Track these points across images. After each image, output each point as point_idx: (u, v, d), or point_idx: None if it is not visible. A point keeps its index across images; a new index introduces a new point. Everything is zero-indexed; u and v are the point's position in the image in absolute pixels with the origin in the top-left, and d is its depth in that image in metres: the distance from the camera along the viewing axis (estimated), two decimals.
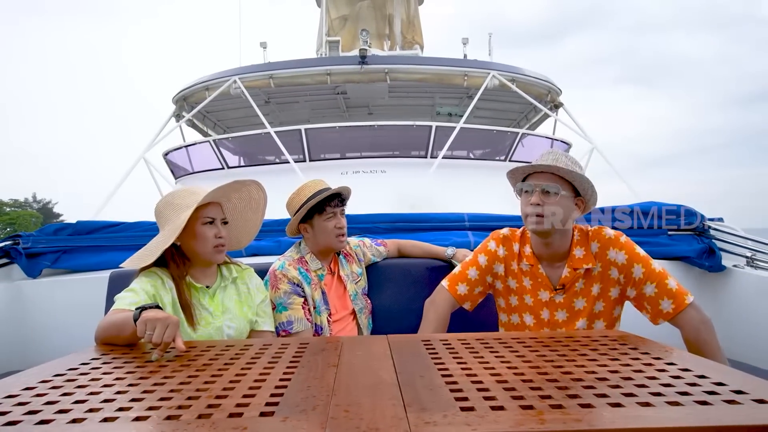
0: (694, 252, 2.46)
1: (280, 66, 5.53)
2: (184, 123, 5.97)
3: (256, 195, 1.70)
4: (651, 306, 1.52)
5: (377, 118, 6.79)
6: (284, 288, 1.76)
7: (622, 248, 1.55)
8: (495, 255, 1.71)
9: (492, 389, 0.78)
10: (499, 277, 1.71)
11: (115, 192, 5.01)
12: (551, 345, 1.09)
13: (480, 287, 1.72)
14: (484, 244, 1.76)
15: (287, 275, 1.78)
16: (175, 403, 0.75)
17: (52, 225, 2.73)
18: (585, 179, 1.51)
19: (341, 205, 1.89)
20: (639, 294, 1.54)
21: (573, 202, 1.54)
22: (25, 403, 0.77)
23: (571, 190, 1.53)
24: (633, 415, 0.67)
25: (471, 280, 1.71)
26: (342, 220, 1.88)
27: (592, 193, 1.55)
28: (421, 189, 4.40)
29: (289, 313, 1.73)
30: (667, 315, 1.49)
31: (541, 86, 5.86)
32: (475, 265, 1.72)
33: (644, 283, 1.52)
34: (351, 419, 0.67)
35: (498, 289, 1.73)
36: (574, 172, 1.50)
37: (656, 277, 1.51)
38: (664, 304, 1.49)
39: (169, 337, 1.05)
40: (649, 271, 1.52)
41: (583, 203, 1.56)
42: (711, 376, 0.84)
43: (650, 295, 1.51)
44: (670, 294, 1.49)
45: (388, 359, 0.99)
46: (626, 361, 0.95)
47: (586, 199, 1.56)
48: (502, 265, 1.70)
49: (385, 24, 7.47)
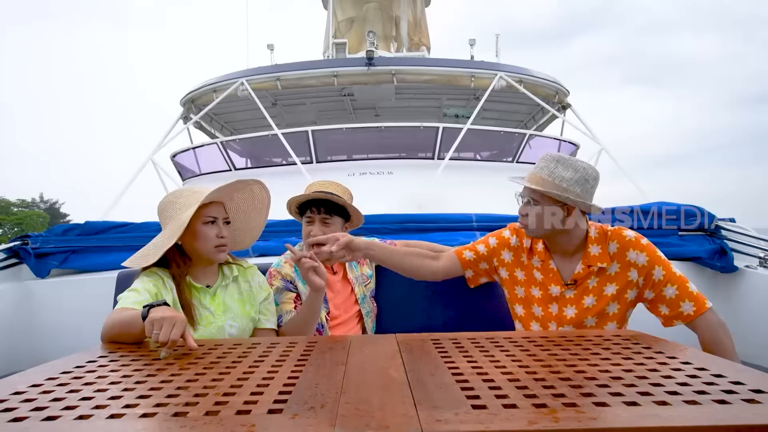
0: (706, 252, 2.43)
1: (287, 68, 5.54)
2: (191, 125, 6.00)
3: (260, 195, 1.69)
4: (671, 308, 1.50)
5: (384, 119, 6.79)
6: (276, 284, 1.79)
7: (643, 250, 1.54)
8: (507, 242, 1.73)
9: (504, 387, 0.77)
10: (506, 265, 1.72)
11: (123, 193, 5.03)
12: (562, 344, 1.07)
13: (485, 264, 1.75)
14: (499, 231, 1.79)
15: (281, 272, 1.82)
16: (183, 401, 0.74)
17: (60, 225, 2.74)
18: (559, 189, 1.49)
19: (318, 213, 1.83)
20: (658, 296, 1.52)
21: (561, 208, 1.53)
22: (32, 399, 0.77)
23: (552, 201, 1.52)
24: (650, 413, 0.65)
25: (479, 252, 1.75)
26: (316, 229, 1.82)
27: (572, 201, 1.50)
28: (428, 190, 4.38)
29: (280, 306, 1.75)
30: (687, 317, 1.48)
31: (549, 87, 5.82)
32: (485, 243, 1.76)
33: (665, 285, 1.50)
34: (361, 417, 0.66)
35: (504, 278, 1.73)
36: (540, 189, 1.50)
37: (677, 280, 1.50)
38: (685, 306, 1.48)
39: (176, 335, 1.04)
40: (670, 274, 1.51)
41: (573, 207, 1.53)
42: (728, 375, 0.82)
43: (671, 297, 1.50)
44: (691, 297, 1.48)
45: (397, 358, 0.98)
46: (640, 360, 0.93)
47: (572, 204, 1.51)
48: (512, 253, 1.71)
49: (392, 26, 7.48)
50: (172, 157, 5.85)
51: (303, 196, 1.84)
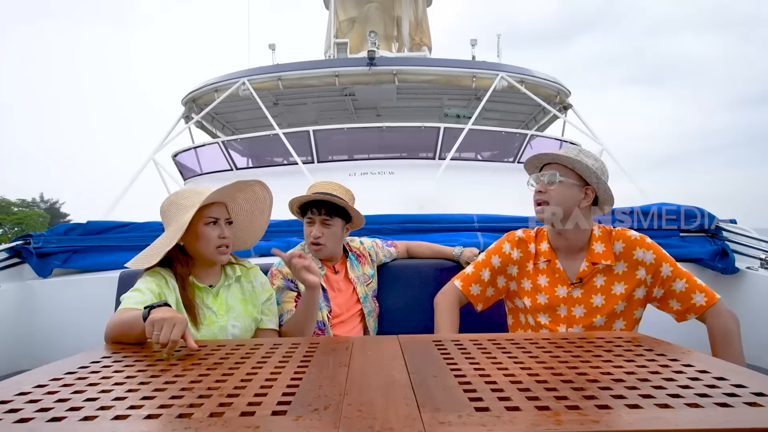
0: (707, 254, 2.43)
1: (288, 68, 5.54)
2: (193, 125, 6.00)
3: (262, 195, 1.69)
4: (681, 302, 1.53)
5: (385, 119, 6.79)
6: (277, 283, 1.80)
7: (650, 248, 1.56)
8: (509, 257, 1.71)
9: (506, 390, 0.77)
10: (513, 278, 1.71)
11: (124, 193, 5.03)
12: (565, 346, 1.08)
13: (492, 289, 1.73)
14: (498, 245, 1.75)
15: (282, 271, 1.83)
16: (187, 402, 0.75)
17: (62, 225, 2.75)
18: (585, 166, 1.51)
19: (319, 214, 1.84)
20: (668, 291, 1.55)
21: (580, 190, 1.55)
22: (37, 400, 0.77)
23: (577, 178, 1.55)
24: (652, 416, 0.66)
25: (484, 281, 1.72)
26: (317, 230, 1.84)
27: (597, 181, 1.53)
28: (429, 190, 4.38)
29: (281, 306, 1.76)
30: (700, 308, 1.51)
31: (550, 87, 5.82)
32: (488, 266, 1.72)
33: (673, 280, 1.53)
34: (364, 419, 0.66)
35: (512, 291, 1.72)
36: (572, 158, 1.52)
37: (685, 275, 1.54)
38: (697, 297, 1.51)
39: (176, 336, 1.04)
40: (677, 270, 1.54)
41: (593, 191, 1.55)
42: (730, 378, 0.82)
43: (681, 290, 1.53)
44: (701, 288, 1.52)
45: (400, 359, 0.98)
46: (642, 362, 0.94)
47: (595, 187, 1.55)
48: (516, 267, 1.70)
49: (393, 26, 7.48)
50: (174, 157, 5.86)
51: (304, 197, 1.85)
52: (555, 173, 1.55)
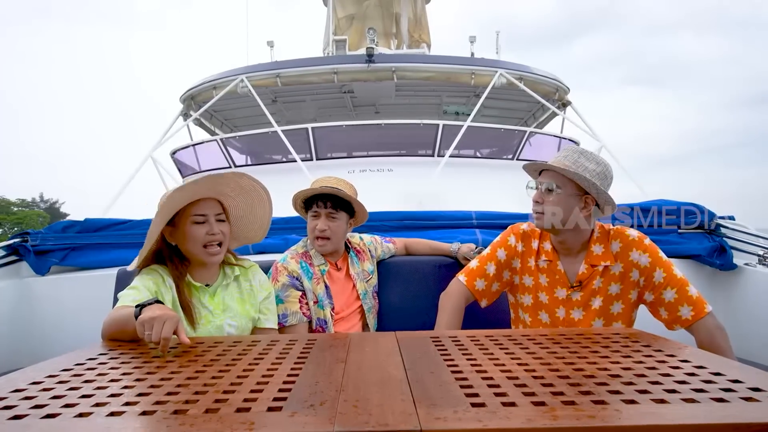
0: (705, 250, 2.43)
1: (287, 65, 5.53)
2: (191, 122, 5.99)
3: (249, 185, 1.57)
4: (669, 312, 1.50)
5: (384, 116, 6.78)
6: (282, 281, 1.78)
7: (646, 250, 1.53)
8: (514, 250, 1.68)
9: (503, 385, 0.77)
10: (517, 272, 1.69)
11: (123, 190, 5.03)
12: (562, 342, 1.07)
13: (497, 283, 1.70)
14: (504, 238, 1.72)
15: (287, 268, 1.80)
16: (183, 398, 0.74)
17: (60, 222, 2.74)
18: (584, 178, 1.46)
19: (324, 208, 1.84)
20: (657, 299, 1.51)
21: (578, 199, 1.51)
22: (32, 397, 0.77)
23: (575, 188, 1.50)
24: (649, 411, 0.66)
25: (489, 275, 1.68)
26: (322, 223, 1.83)
27: (596, 191, 1.49)
28: (428, 188, 4.38)
29: (285, 305, 1.74)
30: (685, 322, 1.47)
31: (549, 84, 5.82)
32: (494, 260, 1.69)
33: (664, 288, 1.49)
34: (360, 414, 0.66)
35: (515, 285, 1.71)
36: (570, 171, 1.47)
37: (677, 283, 1.49)
38: (684, 311, 1.47)
39: (167, 333, 1.04)
40: (671, 276, 1.50)
41: (592, 200, 1.51)
42: (726, 374, 0.82)
43: (669, 300, 1.49)
44: (690, 301, 1.47)
45: (397, 355, 0.98)
46: (639, 358, 0.93)
47: (595, 196, 1.50)
48: (519, 260, 1.68)
49: (392, 23, 7.46)
50: (172, 154, 5.85)
51: (310, 190, 1.84)
52: (552, 182, 1.51)
